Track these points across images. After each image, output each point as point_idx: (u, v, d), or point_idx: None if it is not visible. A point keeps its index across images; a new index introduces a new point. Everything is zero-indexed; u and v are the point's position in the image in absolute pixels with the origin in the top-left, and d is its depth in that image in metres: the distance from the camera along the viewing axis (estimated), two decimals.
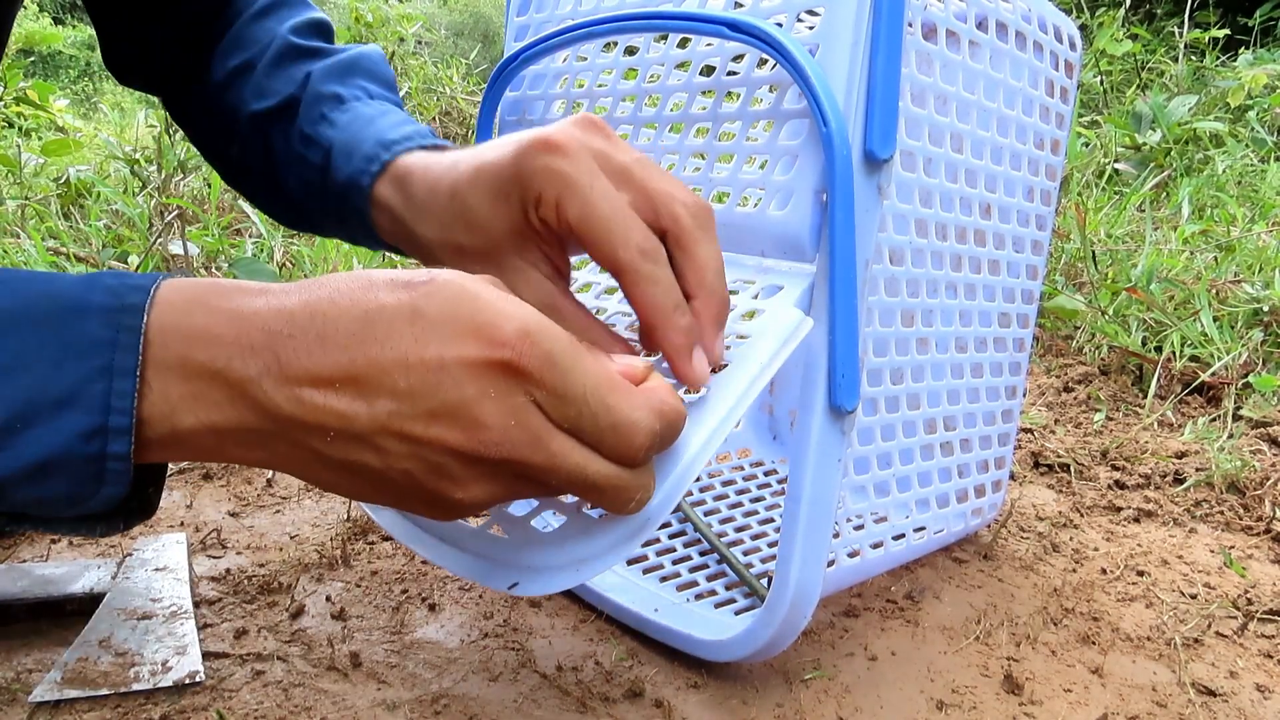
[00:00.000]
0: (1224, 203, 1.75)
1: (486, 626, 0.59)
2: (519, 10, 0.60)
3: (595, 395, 0.33)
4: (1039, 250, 0.66)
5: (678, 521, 0.73)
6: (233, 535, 0.69)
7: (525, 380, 0.32)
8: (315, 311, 0.32)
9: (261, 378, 0.32)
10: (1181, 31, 2.73)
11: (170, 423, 0.32)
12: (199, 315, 0.32)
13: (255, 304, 0.33)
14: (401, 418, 0.32)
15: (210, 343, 0.32)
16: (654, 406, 0.34)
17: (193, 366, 0.32)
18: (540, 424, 0.33)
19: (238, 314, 0.32)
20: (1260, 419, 1.00)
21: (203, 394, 0.32)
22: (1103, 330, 1.22)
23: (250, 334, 0.32)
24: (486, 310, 0.32)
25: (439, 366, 0.32)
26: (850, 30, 0.44)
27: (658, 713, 0.51)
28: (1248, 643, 0.62)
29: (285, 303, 0.33)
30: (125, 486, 0.33)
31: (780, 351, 0.42)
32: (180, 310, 0.32)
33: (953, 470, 0.65)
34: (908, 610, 0.63)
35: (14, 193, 1.70)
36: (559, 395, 0.33)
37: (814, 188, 0.45)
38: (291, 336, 0.32)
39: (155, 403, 0.32)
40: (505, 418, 0.32)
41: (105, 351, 0.31)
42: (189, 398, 0.32)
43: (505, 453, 0.33)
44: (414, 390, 0.32)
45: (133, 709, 0.49)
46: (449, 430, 0.32)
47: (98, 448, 0.31)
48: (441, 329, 0.32)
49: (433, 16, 7.36)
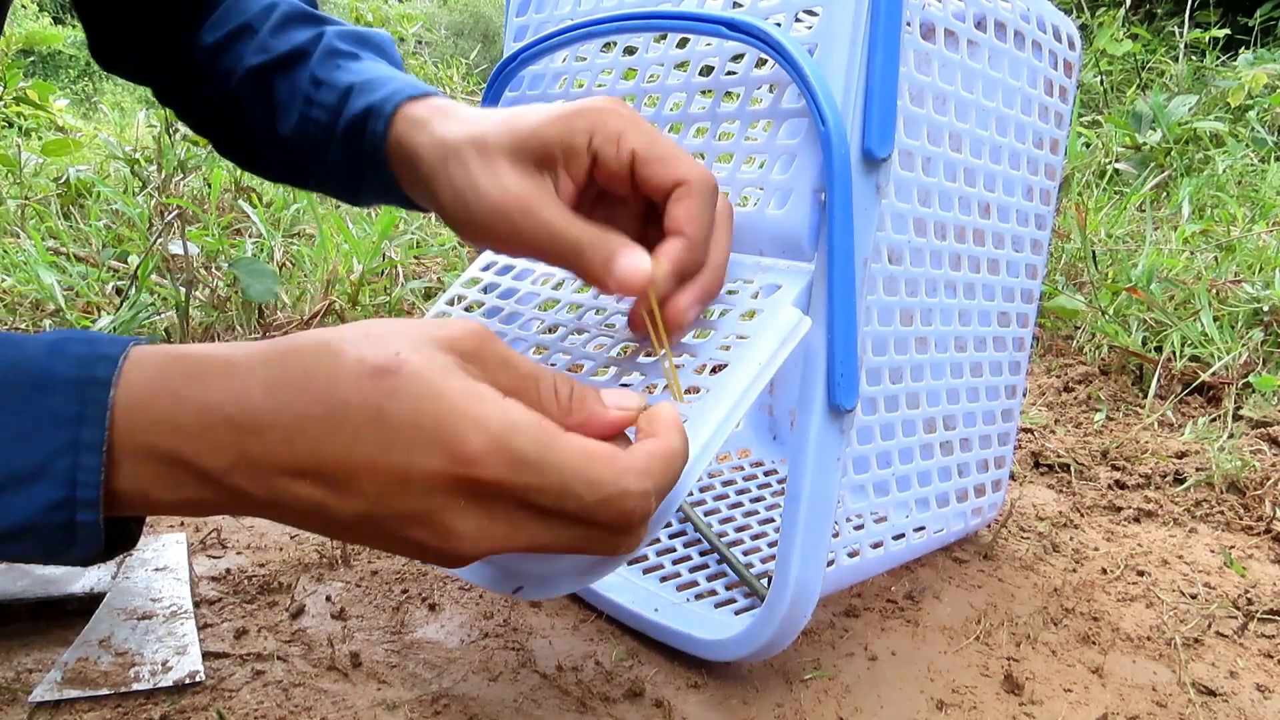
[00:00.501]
0: (1224, 203, 1.75)
1: (486, 626, 0.59)
2: (518, 10, 0.60)
3: (575, 477, 0.32)
4: (1039, 249, 0.66)
5: (678, 521, 0.73)
6: (233, 535, 0.69)
7: (496, 488, 0.32)
8: (281, 405, 0.32)
9: (232, 470, 0.32)
10: (1182, 31, 2.73)
11: (145, 497, 0.33)
12: (163, 402, 0.32)
13: (218, 395, 0.32)
14: (375, 517, 0.33)
15: (176, 433, 0.32)
16: (640, 468, 0.33)
17: (162, 453, 0.32)
18: (519, 518, 0.33)
19: (202, 407, 0.32)
20: (1260, 419, 1.00)
21: (175, 477, 0.33)
22: (1103, 330, 1.22)
23: (215, 430, 0.32)
24: (451, 419, 0.31)
25: (404, 478, 0.31)
26: (848, 29, 0.44)
27: (658, 713, 0.51)
28: (1248, 643, 0.62)
29: (250, 394, 0.32)
30: (98, 547, 0.33)
31: (779, 352, 0.42)
32: (145, 394, 0.32)
33: (952, 469, 0.65)
34: (908, 610, 0.63)
35: (14, 193, 1.70)
36: (535, 490, 0.32)
37: (812, 187, 0.45)
38: (257, 433, 0.32)
39: (128, 479, 0.32)
40: (478, 522, 0.32)
41: (71, 427, 0.31)
42: (161, 479, 0.33)
43: (484, 549, 0.33)
44: (383, 496, 0.32)
45: (133, 709, 0.49)
46: (422, 532, 0.33)
47: (65, 518, 0.32)
48: (406, 436, 0.31)
49: (433, 16, 7.36)
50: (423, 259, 1.54)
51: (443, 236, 1.66)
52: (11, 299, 1.19)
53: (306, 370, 0.32)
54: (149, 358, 0.33)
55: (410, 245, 1.53)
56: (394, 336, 0.33)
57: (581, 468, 0.32)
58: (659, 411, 0.36)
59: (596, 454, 0.33)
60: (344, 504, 0.32)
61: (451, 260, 1.53)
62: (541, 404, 0.34)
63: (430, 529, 0.33)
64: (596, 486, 0.32)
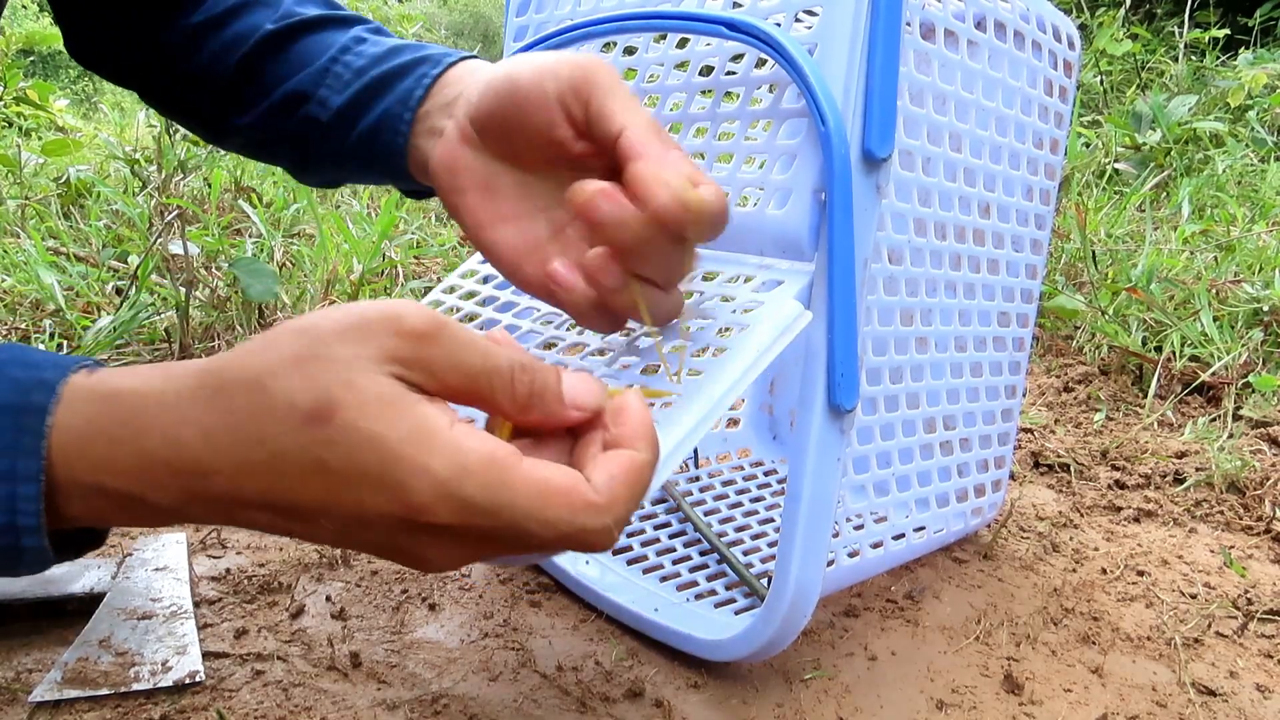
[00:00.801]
0: (1224, 203, 1.75)
1: (486, 626, 0.59)
2: (518, 10, 0.60)
3: (529, 518, 0.31)
4: (1038, 249, 0.66)
5: (678, 521, 0.73)
6: (233, 535, 0.69)
7: (451, 530, 0.31)
8: (219, 451, 0.31)
9: (187, 505, 0.32)
10: (1181, 31, 2.73)
11: (103, 520, 0.33)
12: (100, 446, 0.32)
13: (154, 441, 0.31)
14: (345, 542, 0.33)
15: (120, 475, 0.32)
16: (600, 503, 0.32)
17: (109, 490, 0.32)
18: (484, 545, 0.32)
19: (139, 452, 0.31)
20: (1260, 419, 1.00)
21: (129, 508, 0.32)
22: (1103, 330, 1.22)
23: (158, 473, 0.31)
24: (394, 468, 0.30)
25: (360, 518, 0.31)
26: (848, 29, 0.44)
27: (658, 713, 0.51)
28: (1248, 643, 0.62)
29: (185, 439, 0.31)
30: (47, 564, 0.33)
31: (778, 341, 0.41)
32: (80, 436, 0.32)
33: (952, 469, 0.65)
34: (908, 610, 0.63)
35: (14, 193, 1.70)
36: (491, 530, 0.31)
37: (812, 187, 0.45)
38: (202, 477, 0.31)
39: (79, 507, 0.32)
40: (444, 550, 0.32)
41: (7, 456, 0.31)
42: (116, 509, 0.32)
43: (457, 565, 0.33)
44: (346, 530, 0.32)
45: (133, 709, 0.49)
46: (393, 554, 0.33)
47: (8, 541, 0.31)
48: (353, 483, 0.30)
49: (433, 16, 7.36)
50: (422, 259, 1.55)
51: (443, 236, 1.66)
52: (11, 299, 1.19)
53: (238, 413, 0.31)
54: (81, 400, 0.32)
55: (410, 245, 1.53)
56: (325, 364, 0.30)
57: (535, 509, 0.31)
58: (627, 412, 0.34)
59: (552, 492, 0.31)
60: (310, 532, 0.32)
61: (451, 260, 1.53)
62: (495, 401, 0.33)
63: (400, 555, 0.33)
64: (552, 526, 0.31)
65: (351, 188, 2.11)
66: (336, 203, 1.93)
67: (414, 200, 1.08)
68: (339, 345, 0.31)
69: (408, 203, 1.80)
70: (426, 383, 0.32)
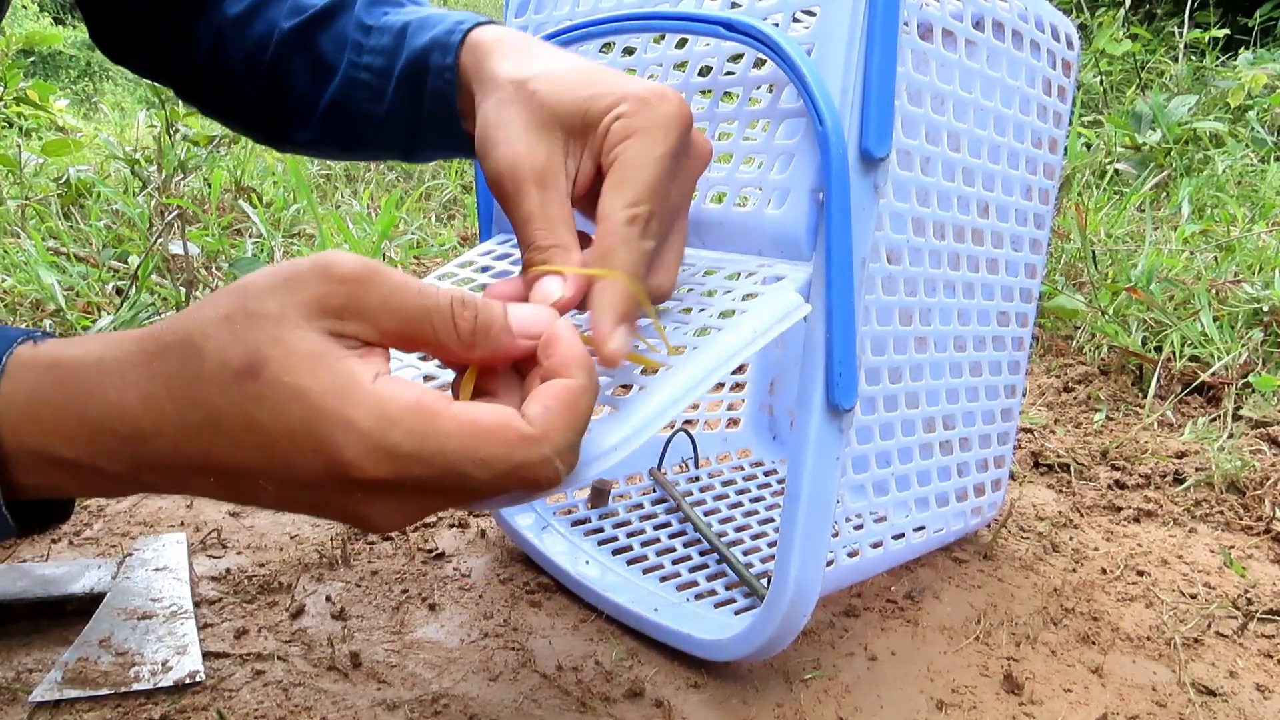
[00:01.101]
0: (1224, 203, 1.75)
1: (486, 626, 0.59)
2: (517, 11, 0.60)
3: (464, 460, 0.30)
4: (1038, 249, 0.66)
5: (678, 521, 0.73)
6: (233, 535, 0.69)
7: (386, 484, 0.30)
8: (160, 415, 0.31)
9: (137, 472, 0.32)
10: (1181, 31, 2.73)
11: (59, 490, 0.33)
12: (46, 415, 0.32)
13: (98, 409, 0.31)
14: (290, 505, 0.32)
15: (69, 443, 0.31)
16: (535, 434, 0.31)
17: (59, 459, 0.32)
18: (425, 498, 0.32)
19: (84, 420, 0.31)
20: (1260, 419, 1.00)
21: (83, 477, 0.32)
22: (1103, 330, 1.22)
23: (105, 440, 0.31)
24: (318, 423, 0.29)
25: (294, 479, 0.31)
26: (846, 29, 0.44)
27: (658, 713, 0.51)
28: (1248, 643, 0.62)
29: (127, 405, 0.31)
30: (6, 535, 0.33)
31: (775, 325, 0.41)
32: (26, 406, 0.31)
33: (952, 469, 0.65)
34: (908, 610, 0.63)
35: (14, 193, 1.70)
36: (427, 479, 0.30)
37: (810, 187, 0.45)
38: (144, 441, 0.31)
39: (31, 477, 0.32)
40: (384, 507, 0.32)
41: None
42: (69, 478, 0.32)
43: (400, 525, 0.33)
44: (283, 491, 0.32)
45: (133, 709, 0.49)
46: (338, 514, 0.32)
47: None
48: (282, 443, 0.30)
49: None
50: (423, 259, 1.55)
51: (443, 236, 1.66)
52: (12, 299, 1.19)
53: (173, 376, 0.31)
54: (25, 369, 0.32)
55: (410, 245, 1.53)
56: (256, 320, 0.30)
57: (468, 449, 0.30)
58: (558, 342, 0.33)
59: (484, 430, 0.30)
60: (255, 496, 0.32)
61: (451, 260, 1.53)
62: (439, 341, 0.32)
63: (342, 514, 0.32)
64: (488, 464, 0.30)
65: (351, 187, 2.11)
66: (336, 203, 1.93)
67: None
68: (269, 298, 0.30)
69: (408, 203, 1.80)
70: (363, 332, 0.31)
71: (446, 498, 0.32)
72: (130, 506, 0.74)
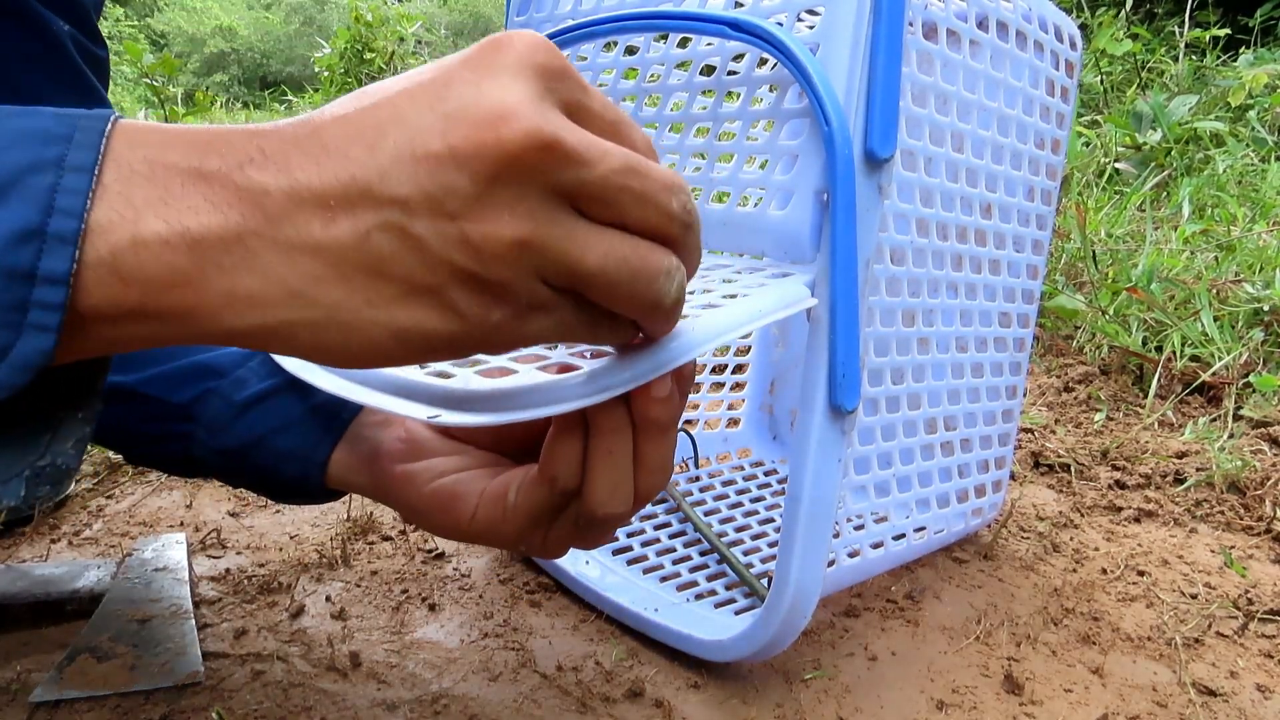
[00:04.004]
0: (1224, 202, 1.75)
1: (486, 626, 0.59)
2: (519, 10, 0.60)
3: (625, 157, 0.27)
4: (1039, 250, 0.66)
5: (678, 521, 0.73)
6: (233, 535, 0.69)
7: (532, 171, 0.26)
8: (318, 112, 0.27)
9: (245, 166, 0.26)
10: (1182, 31, 2.73)
11: (132, 230, 0.25)
12: (168, 130, 0.27)
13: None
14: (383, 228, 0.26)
15: (185, 145, 0.26)
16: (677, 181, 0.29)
17: (161, 167, 0.25)
18: (551, 214, 0.27)
19: (212, 129, 0.27)
20: (1261, 419, 1.00)
21: (174, 195, 0.25)
22: (1103, 330, 1.22)
23: (229, 134, 0.27)
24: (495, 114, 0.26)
25: (439, 157, 0.26)
26: (851, 29, 0.44)
27: (658, 713, 0.51)
28: (1248, 643, 0.62)
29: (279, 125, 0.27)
30: (52, 339, 0.25)
31: (779, 310, 0.40)
32: (145, 128, 0.26)
33: (953, 470, 0.65)
34: (908, 610, 0.63)
35: None
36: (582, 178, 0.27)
37: (814, 187, 0.45)
38: (274, 132, 0.27)
39: (113, 204, 0.25)
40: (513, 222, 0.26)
41: (58, 144, 0.25)
42: (156, 200, 0.25)
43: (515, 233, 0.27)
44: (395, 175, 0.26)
45: (133, 709, 0.49)
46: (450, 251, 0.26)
47: (29, 260, 0.24)
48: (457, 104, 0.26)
49: (433, 16, 7.36)
50: None
51: None
52: None
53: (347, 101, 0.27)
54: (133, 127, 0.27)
55: None
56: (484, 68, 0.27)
57: (631, 157, 0.27)
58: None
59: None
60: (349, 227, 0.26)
61: None
62: (645, 171, 0.28)
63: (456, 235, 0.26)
64: (645, 174, 0.27)
65: None
66: None
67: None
68: (496, 54, 0.27)
69: None
70: (575, 95, 0.28)
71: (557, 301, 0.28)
72: (130, 506, 0.74)
